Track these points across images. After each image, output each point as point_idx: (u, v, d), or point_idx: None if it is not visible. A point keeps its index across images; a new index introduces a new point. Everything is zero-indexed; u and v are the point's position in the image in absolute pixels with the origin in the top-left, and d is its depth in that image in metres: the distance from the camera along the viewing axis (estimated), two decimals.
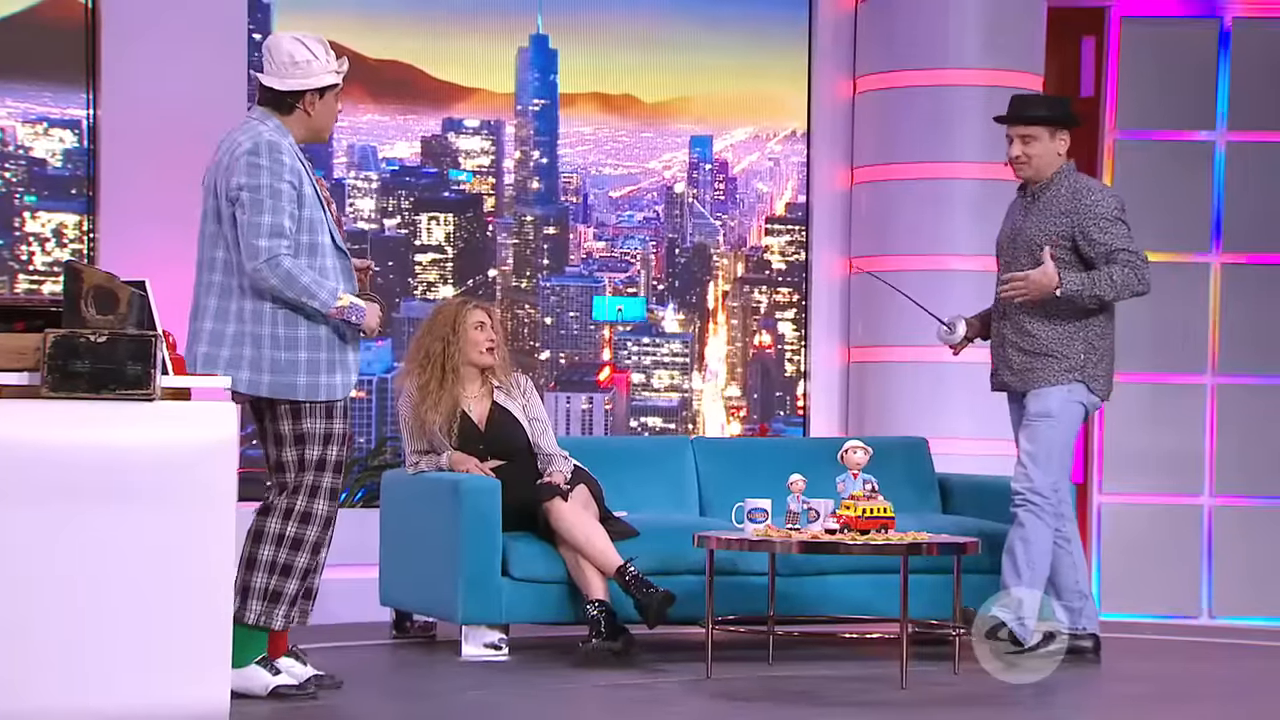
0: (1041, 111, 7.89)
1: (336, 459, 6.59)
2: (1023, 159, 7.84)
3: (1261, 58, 10.32)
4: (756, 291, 10.27)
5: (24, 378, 5.75)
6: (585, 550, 7.65)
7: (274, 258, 6.39)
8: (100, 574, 5.63)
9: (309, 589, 6.65)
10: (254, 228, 6.41)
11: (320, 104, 6.61)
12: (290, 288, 6.42)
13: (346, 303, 6.49)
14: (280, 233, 6.41)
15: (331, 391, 6.54)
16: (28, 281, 8.93)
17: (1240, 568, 10.19)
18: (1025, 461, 7.76)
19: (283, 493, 6.58)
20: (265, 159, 6.43)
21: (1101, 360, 7.81)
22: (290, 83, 6.56)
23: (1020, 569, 7.72)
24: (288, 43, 6.58)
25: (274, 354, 6.47)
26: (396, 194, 9.66)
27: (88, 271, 5.89)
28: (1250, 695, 7.37)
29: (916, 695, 6.99)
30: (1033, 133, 7.84)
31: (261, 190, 6.42)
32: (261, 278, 6.41)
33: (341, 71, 6.64)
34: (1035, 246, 7.78)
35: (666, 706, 6.77)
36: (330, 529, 6.64)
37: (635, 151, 10.08)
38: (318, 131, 6.67)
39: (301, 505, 6.56)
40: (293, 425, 6.54)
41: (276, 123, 6.55)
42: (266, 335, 6.48)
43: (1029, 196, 7.90)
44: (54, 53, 8.93)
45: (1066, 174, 7.85)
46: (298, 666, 6.64)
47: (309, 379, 6.50)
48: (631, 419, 10.04)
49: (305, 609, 6.66)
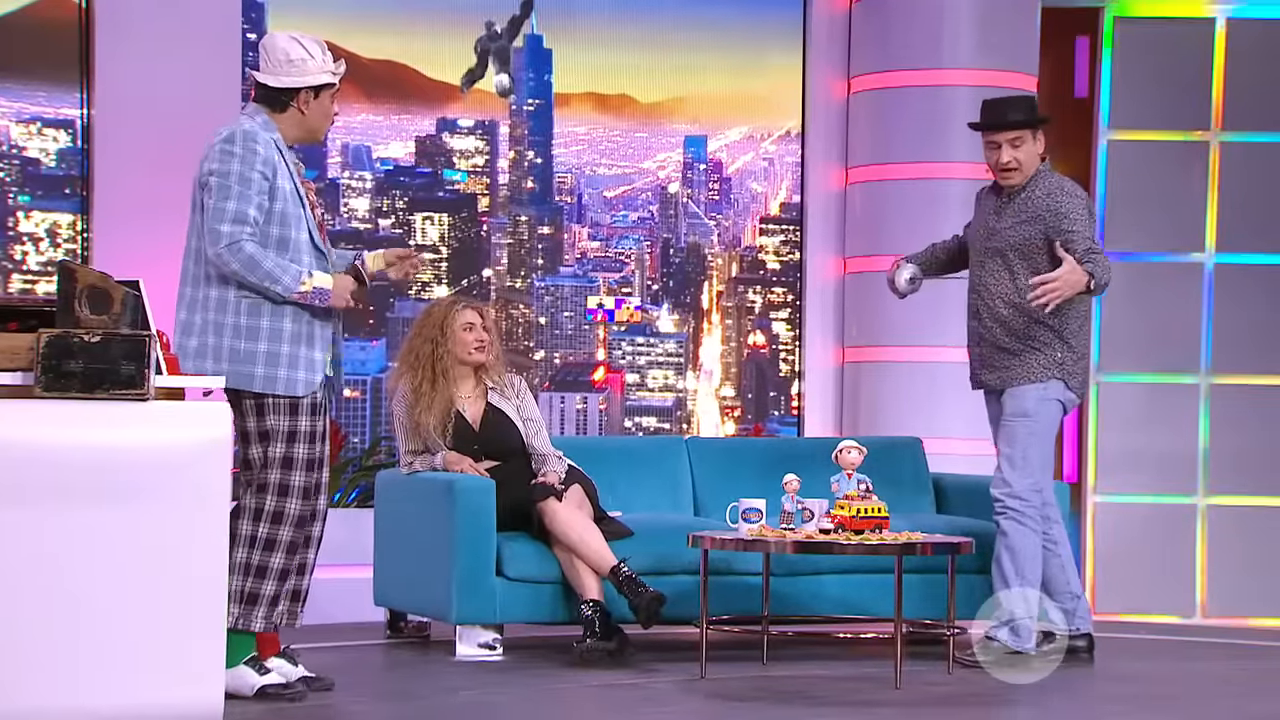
0: (1023, 114, 7.82)
1: (307, 457, 6.55)
2: (1013, 164, 7.76)
3: (1256, 57, 10.33)
4: (751, 291, 10.28)
5: (17, 378, 5.75)
6: (579, 550, 7.65)
7: (235, 242, 6.38)
8: (94, 574, 5.63)
9: (296, 590, 6.62)
10: (218, 213, 6.41)
11: (314, 104, 6.61)
12: (252, 272, 6.40)
13: (309, 287, 6.46)
14: (244, 219, 6.40)
15: (291, 387, 6.50)
16: (21, 281, 8.92)
17: (1234, 567, 10.20)
18: (1002, 465, 7.74)
19: (250, 490, 6.56)
20: (239, 146, 6.43)
21: (1080, 357, 7.81)
22: (284, 80, 6.56)
23: (1009, 578, 7.70)
24: (284, 41, 6.59)
25: (234, 343, 6.47)
26: (391, 194, 9.66)
27: (81, 271, 5.88)
28: (1244, 695, 7.37)
29: (911, 695, 6.99)
30: (1021, 136, 7.79)
31: (230, 176, 6.42)
32: (223, 262, 6.40)
33: (338, 73, 6.63)
34: (1009, 248, 7.76)
35: (661, 706, 6.77)
36: (308, 528, 6.60)
37: (630, 151, 10.08)
38: (311, 131, 6.67)
39: (271, 505, 6.54)
40: (257, 422, 6.53)
41: (265, 118, 6.55)
42: (229, 324, 6.47)
43: (1004, 196, 7.84)
44: (48, 52, 8.93)
45: (1043, 175, 7.80)
46: (287, 666, 6.63)
47: (266, 371, 6.48)
48: (626, 419, 10.04)
49: (294, 611, 6.63)
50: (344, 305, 6.57)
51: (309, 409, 6.54)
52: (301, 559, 6.63)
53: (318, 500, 6.64)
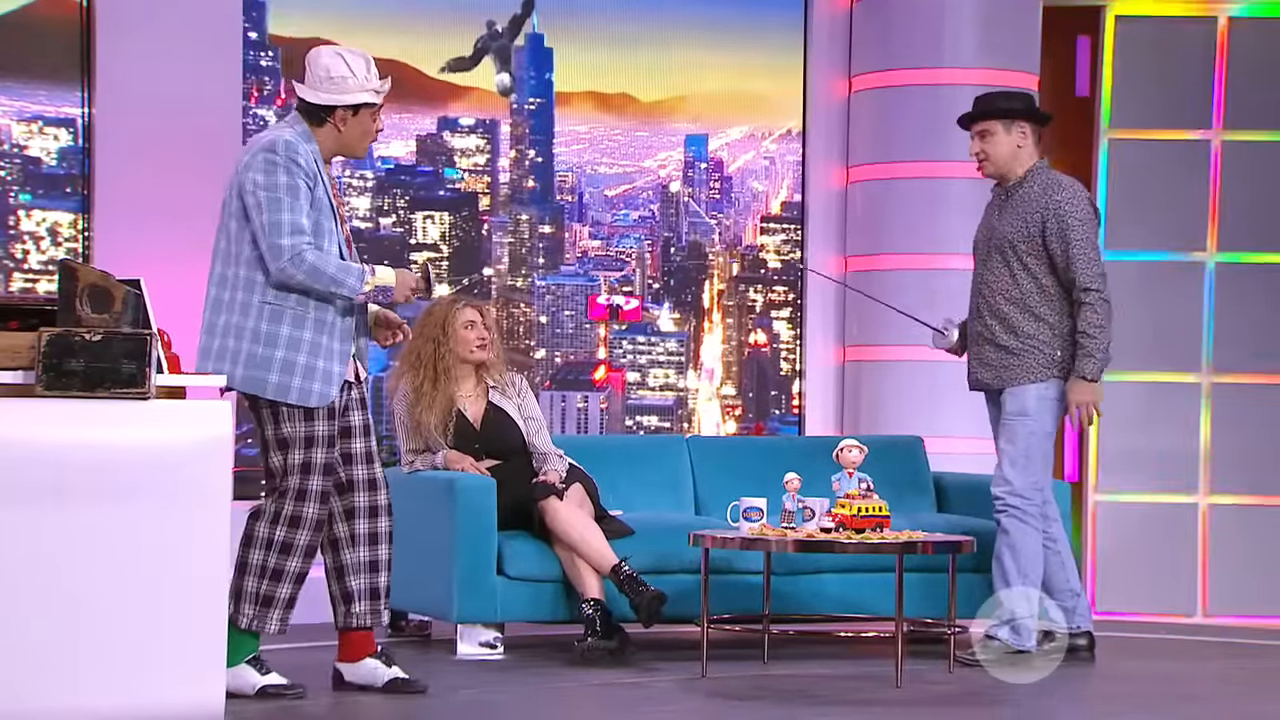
0: (993, 105, 7.89)
1: (324, 461, 6.57)
2: (981, 155, 7.87)
3: (1257, 57, 10.32)
4: (752, 290, 10.27)
5: (19, 376, 5.75)
6: (580, 549, 7.65)
7: (298, 254, 6.39)
8: (95, 573, 5.63)
9: (374, 589, 6.70)
10: (275, 227, 6.41)
11: (352, 121, 6.60)
12: (317, 280, 6.43)
13: (372, 286, 6.52)
14: (300, 230, 6.41)
15: (304, 397, 6.50)
16: (23, 280, 8.92)
17: (1235, 566, 10.19)
18: (1003, 464, 7.76)
19: (271, 496, 6.58)
20: (281, 156, 6.43)
21: None
22: (323, 96, 6.56)
23: (1010, 577, 7.71)
24: (327, 56, 6.59)
25: (251, 348, 6.47)
26: (392, 193, 9.66)
27: (83, 270, 5.88)
28: (1245, 694, 7.37)
29: (911, 694, 6.99)
30: (987, 127, 7.85)
31: (279, 188, 6.42)
32: (288, 276, 6.41)
33: (381, 91, 6.62)
34: (1008, 245, 7.78)
35: (661, 705, 6.76)
36: (324, 532, 6.64)
37: (631, 150, 10.08)
38: (349, 148, 6.67)
39: (290, 509, 6.56)
40: (274, 430, 6.54)
41: (305, 129, 6.56)
42: (249, 329, 6.48)
43: (1003, 195, 7.90)
44: (49, 51, 8.92)
45: (1039, 171, 7.85)
46: (382, 669, 6.72)
47: (280, 379, 6.48)
48: (627, 418, 10.03)
49: (376, 609, 6.73)
50: (404, 301, 6.64)
51: (326, 414, 6.54)
52: (371, 556, 6.70)
53: (355, 497, 6.66)
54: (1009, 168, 7.84)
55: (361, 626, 6.70)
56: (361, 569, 6.70)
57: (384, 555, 6.74)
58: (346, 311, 6.57)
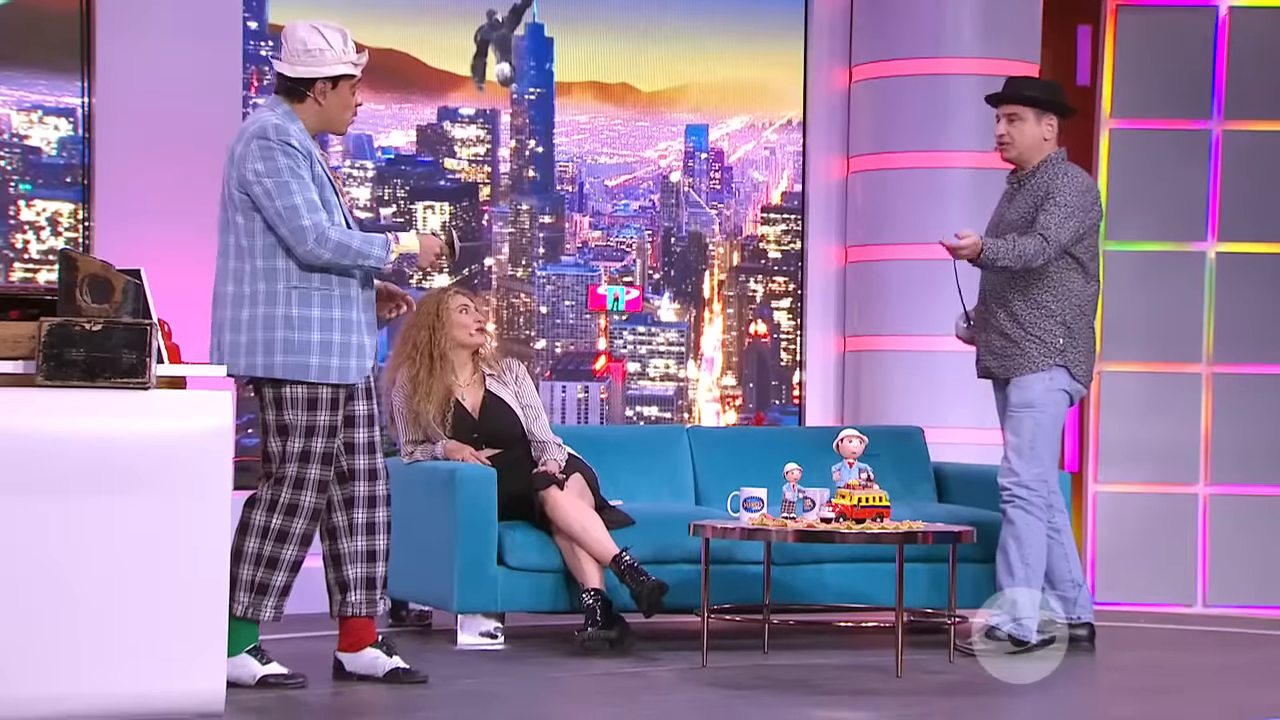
0: (1030, 92, 7.89)
1: (324, 450, 6.57)
2: (1006, 138, 7.84)
3: (1258, 45, 10.31)
4: (752, 280, 10.27)
5: (19, 366, 5.74)
6: (581, 539, 7.65)
7: (321, 233, 6.40)
8: (95, 562, 5.63)
9: (370, 578, 6.69)
10: (292, 211, 6.40)
11: (332, 94, 6.59)
12: (344, 256, 6.43)
13: (398, 254, 6.55)
14: (315, 208, 6.41)
15: (344, 374, 6.52)
16: (23, 270, 8.92)
17: (1235, 556, 10.19)
18: (1010, 455, 7.76)
19: (268, 482, 6.57)
20: (275, 140, 6.42)
21: (1082, 346, 7.81)
22: (301, 70, 6.55)
23: (1014, 568, 7.71)
24: (303, 30, 6.58)
25: (287, 334, 6.46)
26: (392, 183, 9.66)
27: (83, 260, 5.88)
28: (1245, 684, 7.37)
29: (911, 684, 7.00)
30: (1018, 112, 7.84)
31: (282, 172, 6.41)
32: (315, 256, 6.41)
33: (359, 63, 6.61)
34: (1013, 231, 7.78)
35: (662, 695, 6.77)
36: (320, 521, 6.64)
37: (631, 140, 10.07)
38: (330, 122, 6.65)
39: (287, 497, 6.55)
40: (276, 415, 6.54)
41: (286, 109, 6.55)
42: (279, 316, 6.47)
43: (1015, 183, 7.90)
44: (49, 40, 8.92)
45: (1053, 161, 7.84)
46: (382, 658, 6.72)
47: (321, 360, 6.49)
48: (627, 408, 10.03)
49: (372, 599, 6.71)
50: (429, 267, 6.65)
51: (329, 403, 6.53)
52: (369, 545, 6.70)
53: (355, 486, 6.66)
54: (1029, 156, 7.84)
55: (356, 615, 6.70)
56: (359, 558, 6.70)
57: (381, 545, 6.74)
58: (366, 283, 6.60)
